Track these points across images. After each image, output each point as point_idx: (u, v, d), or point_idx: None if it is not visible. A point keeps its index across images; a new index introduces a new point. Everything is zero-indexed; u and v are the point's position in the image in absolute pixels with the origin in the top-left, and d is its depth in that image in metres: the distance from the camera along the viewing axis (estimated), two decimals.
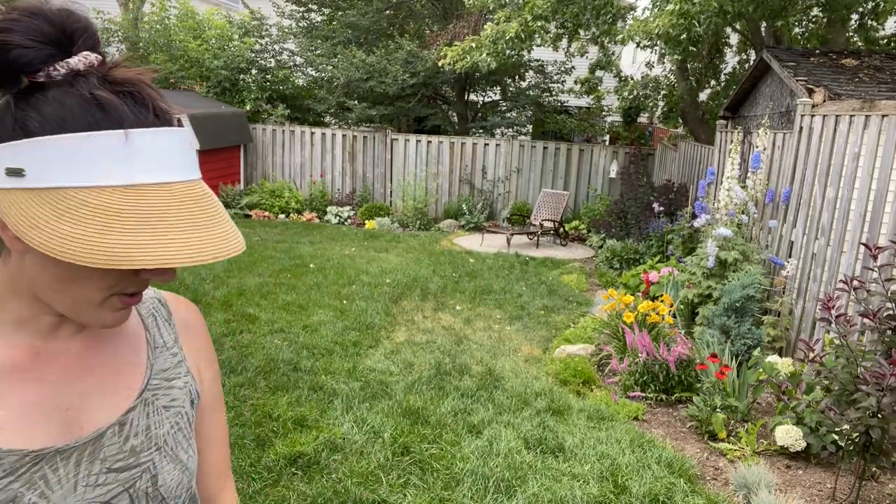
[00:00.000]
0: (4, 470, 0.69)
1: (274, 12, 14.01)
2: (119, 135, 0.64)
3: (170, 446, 0.82)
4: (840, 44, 8.31)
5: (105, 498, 0.75)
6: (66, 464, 0.73)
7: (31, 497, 0.69)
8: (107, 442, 0.76)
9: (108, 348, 0.81)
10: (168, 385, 0.85)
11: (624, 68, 13.35)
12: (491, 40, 8.41)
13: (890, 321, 3.17)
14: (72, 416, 0.75)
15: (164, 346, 0.87)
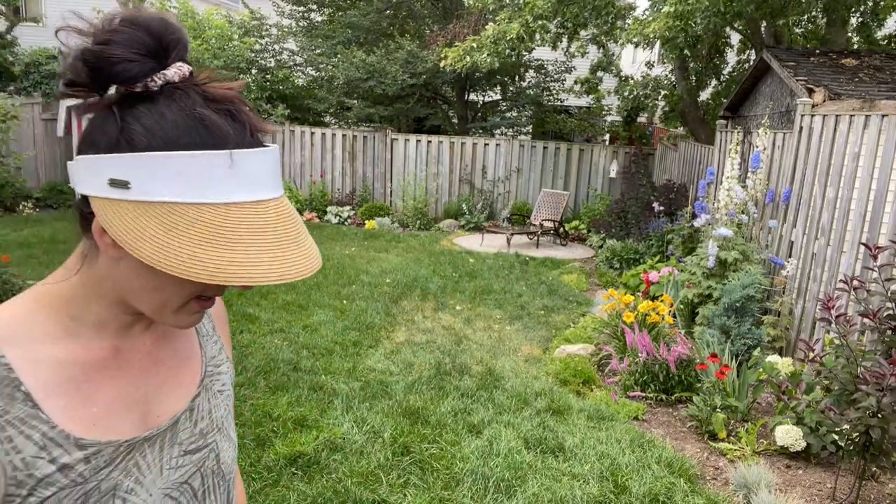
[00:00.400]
0: (105, 460, 0.74)
1: (274, 12, 14.01)
2: (224, 155, 0.66)
3: (225, 427, 0.90)
4: (840, 44, 8.31)
5: (184, 478, 0.82)
6: (152, 450, 0.79)
7: (129, 484, 0.75)
8: (181, 427, 0.83)
9: (172, 341, 0.87)
10: (217, 371, 0.92)
11: (624, 68, 13.35)
12: (492, 41, 8.41)
13: (890, 321, 3.17)
14: (149, 406, 0.81)
15: (208, 335, 0.93)
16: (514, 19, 8.40)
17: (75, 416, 0.73)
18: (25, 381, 0.70)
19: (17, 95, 11.59)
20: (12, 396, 0.69)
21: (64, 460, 0.71)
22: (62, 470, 0.70)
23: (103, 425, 0.75)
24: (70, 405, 0.73)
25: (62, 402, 0.72)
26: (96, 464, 0.73)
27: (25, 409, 0.69)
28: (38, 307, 0.75)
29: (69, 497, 0.70)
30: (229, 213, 0.66)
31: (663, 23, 6.64)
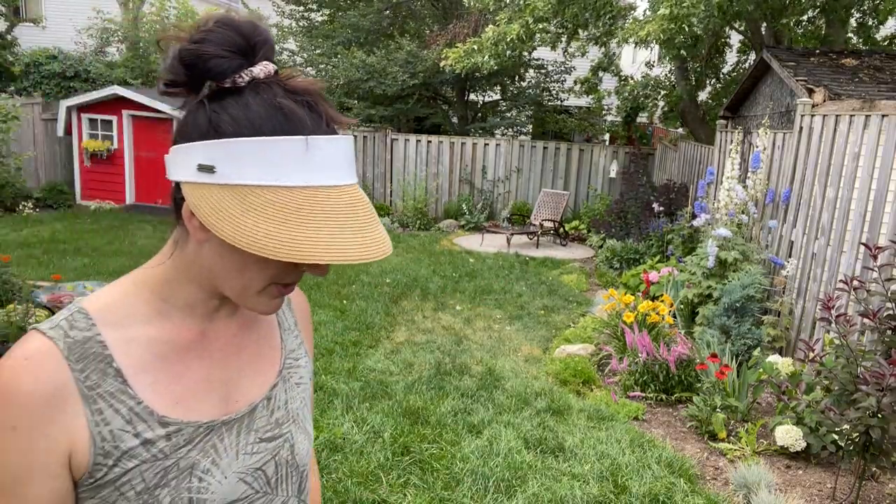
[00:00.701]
0: (185, 439, 0.78)
1: (274, 12, 14.01)
2: (300, 140, 0.70)
3: (301, 419, 0.91)
4: (840, 44, 8.31)
5: (258, 465, 0.84)
6: (229, 434, 0.82)
7: (206, 464, 0.79)
8: (258, 415, 0.85)
9: (255, 330, 0.90)
10: (296, 364, 0.94)
11: (624, 68, 13.35)
12: (492, 42, 8.42)
13: (890, 321, 3.17)
14: (229, 391, 0.84)
15: (289, 329, 0.96)
16: (514, 20, 8.40)
17: (161, 393, 0.78)
18: (118, 359, 0.76)
19: (18, 95, 11.59)
20: (105, 372, 0.75)
21: (147, 435, 0.75)
22: (144, 444, 0.75)
23: (185, 405, 0.79)
24: (157, 382, 0.78)
25: (150, 378, 0.77)
26: (176, 441, 0.77)
27: (116, 384, 0.75)
28: (135, 290, 0.80)
29: (150, 471, 0.75)
30: (304, 195, 0.70)
31: (658, 24, 6.65)
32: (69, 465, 0.73)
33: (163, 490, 0.75)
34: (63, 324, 0.75)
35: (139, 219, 10.34)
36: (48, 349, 0.72)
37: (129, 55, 13.20)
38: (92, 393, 0.73)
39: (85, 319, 0.76)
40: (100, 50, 13.76)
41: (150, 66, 12.83)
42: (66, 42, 14.06)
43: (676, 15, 6.49)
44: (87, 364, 0.74)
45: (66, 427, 0.72)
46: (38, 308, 4.49)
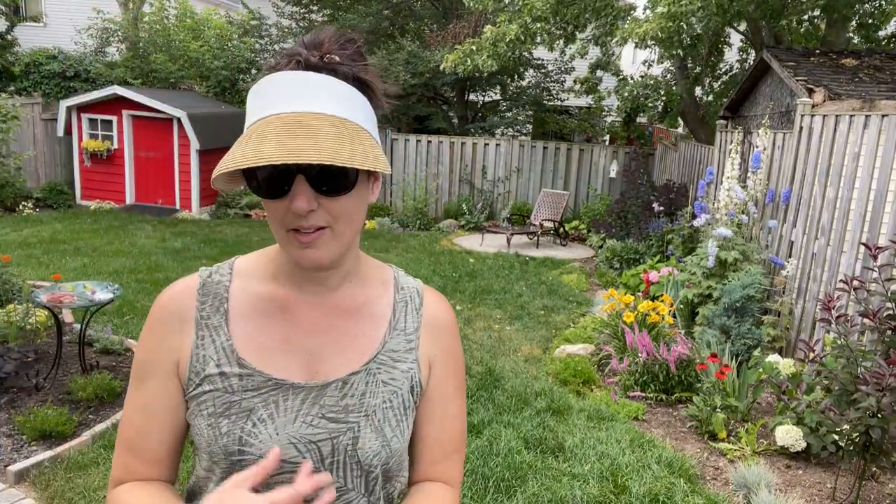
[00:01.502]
0: (253, 385, 0.87)
1: (274, 12, 14.01)
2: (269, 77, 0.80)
3: (377, 417, 0.90)
4: (840, 44, 8.31)
5: (314, 438, 0.87)
6: (294, 398, 0.87)
7: (263, 414, 0.86)
8: (328, 392, 0.89)
9: (353, 316, 0.94)
10: (393, 364, 0.94)
11: (624, 68, 13.33)
12: (491, 42, 8.41)
13: (890, 321, 3.17)
14: (309, 361, 0.90)
15: (402, 331, 0.96)
16: (513, 20, 8.40)
17: (247, 339, 0.89)
18: (230, 302, 0.91)
19: (18, 95, 11.58)
20: (217, 309, 0.90)
21: (224, 368, 0.87)
22: (221, 375, 0.87)
23: (265, 356, 0.88)
24: (248, 331, 0.90)
25: (244, 325, 0.90)
26: (246, 384, 0.87)
27: (220, 321, 0.90)
28: (264, 256, 0.95)
29: (219, 399, 0.86)
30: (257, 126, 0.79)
31: (657, 24, 6.64)
32: (178, 372, 0.89)
33: (223, 419, 0.85)
34: (214, 268, 0.94)
35: (139, 219, 10.34)
36: (191, 282, 0.92)
37: (129, 55, 13.19)
38: (203, 321, 0.89)
39: (229, 269, 0.94)
40: (100, 50, 13.76)
41: (150, 66, 12.82)
42: (66, 42, 14.05)
43: (675, 13, 6.49)
44: (208, 299, 0.90)
45: (178, 340, 0.89)
46: (38, 308, 4.49)
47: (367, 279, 0.98)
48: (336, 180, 0.80)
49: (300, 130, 0.76)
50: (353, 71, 0.84)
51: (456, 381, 1.01)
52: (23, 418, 3.50)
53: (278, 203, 0.81)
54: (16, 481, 3.10)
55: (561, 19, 8.25)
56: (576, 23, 8.30)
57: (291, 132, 0.76)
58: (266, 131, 0.76)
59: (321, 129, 0.77)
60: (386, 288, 0.99)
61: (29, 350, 4.22)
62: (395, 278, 1.02)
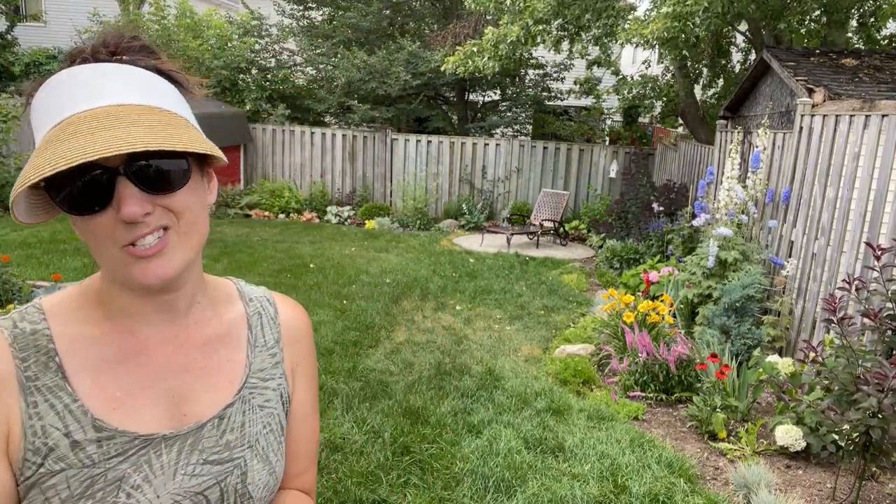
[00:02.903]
0: (116, 449, 0.73)
1: (274, 11, 14.00)
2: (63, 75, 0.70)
3: (261, 445, 0.84)
4: (840, 44, 8.31)
5: (199, 489, 0.77)
6: (168, 451, 0.76)
7: (136, 479, 0.73)
8: (206, 434, 0.79)
9: (211, 343, 0.84)
10: (263, 385, 0.86)
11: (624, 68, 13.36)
12: (492, 44, 8.42)
13: (890, 321, 3.17)
14: (176, 404, 0.78)
15: (263, 346, 0.88)
16: (514, 22, 8.40)
17: (99, 395, 0.74)
18: (61, 355, 0.73)
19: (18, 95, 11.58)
20: (46, 365, 0.73)
21: (77, 437, 0.72)
22: (73, 446, 0.71)
23: (125, 412, 0.75)
24: (97, 383, 0.74)
25: (90, 378, 0.74)
26: (107, 450, 0.73)
27: (55, 378, 0.73)
28: (83, 293, 0.78)
29: (76, 478, 0.71)
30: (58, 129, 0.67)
31: (662, 24, 6.64)
32: (7, 452, 0.70)
33: (87, 501, 0.70)
34: (15, 315, 0.75)
35: None
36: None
37: None
38: (30, 384, 0.71)
39: (38, 313, 0.75)
40: None
41: None
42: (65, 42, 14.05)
43: (680, 13, 6.48)
44: (29, 355, 0.72)
45: (3, 412, 0.70)
46: None
47: (214, 298, 0.87)
48: (165, 174, 0.69)
49: (109, 122, 0.66)
50: (151, 63, 0.75)
51: (315, 389, 0.98)
52: None
53: (100, 218, 0.68)
54: None
55: (563, 20, 8.25)
56: (578, 24, 8.30)
57: (100, 125, 0.65)
58: (66, 134, 0.65)
59: (135, 119, 0.67)
60: (233, 303, 0.89)
61: None
62: (238, 290, 0.91)
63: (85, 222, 0.69)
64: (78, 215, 0.69)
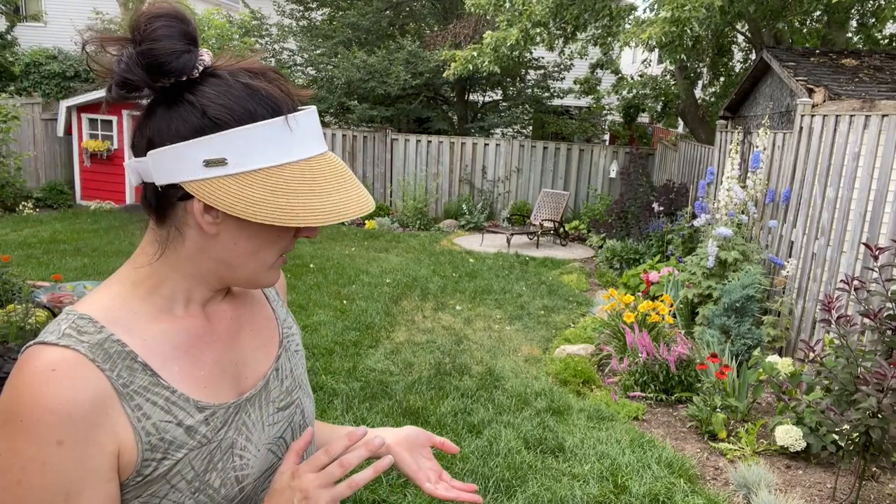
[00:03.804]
0: (220, 421, 0.80)
1: (275, 11, 14.00)
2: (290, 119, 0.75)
3: (304, 383, 0.96)
4: (840, 44, 8.31)
5: (279, 433, 0.88)
6: (254, 409, 0.85)
7: (242, 441, 0.82)
8: (272, 386, 0.89)
9: (249, 307, 0.92)
10: (290, 333, 0.97)
11: (624, 68, 13.35)
12: (492, 47, 8.45)
13: (890, 321, 3.17)
14: (239, 369, 0.86)
15: (276, 300, 0.99)
16: (513, 24, 8.41)
17: (189, 379, 0.79)
18: (141, 355, 0.75)
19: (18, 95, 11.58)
20: (132, 368, 0.74)
21: (188, 422, 0.77)
22: (188, 432, 0.76)
23: (212, 388, 0.81)
24: (183, 370, 0.79)
25: (176, 367, 0.78)
26: (214, 424, 0.79)
27: (146, 378, 0.75)
28: (129, 291, 0.79)
29: (198, 458, 0.77)
30: (311, 166, 0.76)
31: (660, 28, 6.64)
32: (118, 466, 0.71)
33: (211, 473, 0.77)
34: (69, 331, 0.71)
35: (139, 219, 10.32)
36: (72, 356, 0.69)
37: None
38: (127, 390, 0.72)
39: (91, 324, 0.73)
40: None
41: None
42: (66, 42, 14.06)
43: (678, 18, 6.49)
44: (113, 363, 0.72)
45: (112, 428, 0.70)
46: (37, 308, 4.49)
47: None
48: None
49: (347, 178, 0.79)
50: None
51: None
52: None
53: (286, 231, 0.80)
54: None
55: (561, 20, 8.26)
56: (575, 23, 8.31)
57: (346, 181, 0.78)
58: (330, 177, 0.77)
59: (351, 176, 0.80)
60: None
61: None
62: None
63: (280, 231, 0.79)
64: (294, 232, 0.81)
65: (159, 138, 0.73)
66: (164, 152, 0.73)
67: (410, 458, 1.01)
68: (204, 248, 0.78)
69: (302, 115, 0.77)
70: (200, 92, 0.73)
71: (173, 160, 0.72)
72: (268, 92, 0.75)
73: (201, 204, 0.74)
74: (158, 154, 0.73)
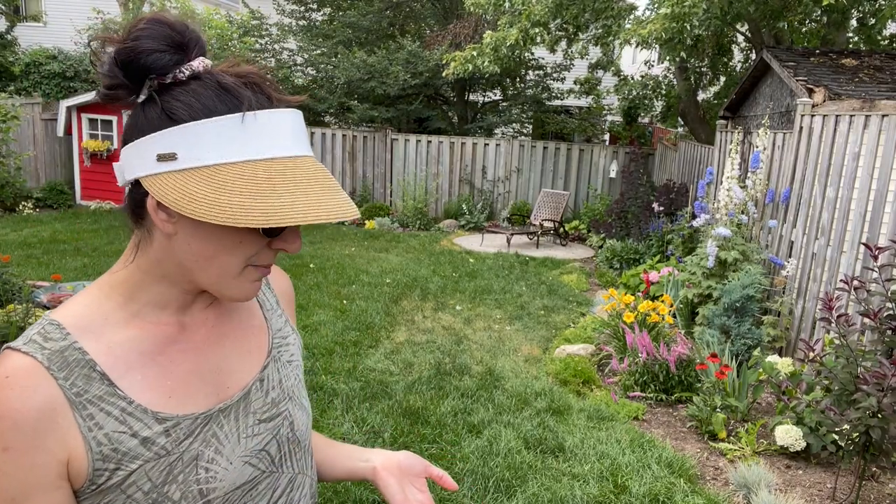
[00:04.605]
0: (185, 432, 0.77)
1: (274, 11, 14.00)
2: (252, 115, 0.72)
3: (296, 395, 0.92)
4: (840, 44, 8.31)
5: (260, 445, 0.85)
6: (228, 420, 0.82)
7: (209, 453, 0.79)
8: (253, 397, 0.86)
9: (235, 315, 0.90)
10: (285, 343, 0.95)
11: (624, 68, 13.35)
12: (492, 47, 8.45)
13: (890, 321, 3.17)
14: (220, 378, 0.84)
15: (272, 309, 0.96)
16: (513, 24, 8.42)
17: (152, 389, 0.77)
18: (100, 363, 0.74)
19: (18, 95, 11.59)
20: (89, 377, 0.73)
21: (144, 434, 0.75)
22: (144, 443, 0.75)
23: (179, 398, 0.79)
24: (146, 379, 0.77)
25: (138, 376, 0.77)
26: (176, 436, 0.77)
27: (103, 387, 0.74)
28: (104, 296, 0.79)
29: (155, 469, 0.75)
30: (270, 167, 0.71)
31: (660, 25, 6.64)
32: (68, 475, 0.72)
33: (171, 486, 0.75)
34: (36, 337, 0.73)
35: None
36: (28, 364, 0.71)
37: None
38: (80, 399, 0.72)
39: (58, 330, 0.74)
40: None
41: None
42: (66, 42, 14.06)
43: (678, 14, 6.49)
44: (69, 371, 0.72)
45: (60, 437, 0.70)
46: (37, 308, 4.49)
47: None
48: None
49: (326, 182, 0.74)
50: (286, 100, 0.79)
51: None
52: None
53: (259, 239, 0.76)
54: None
55: (561, 20, 8.26)
56: (576, 23, 8.31)
57: (327, 183, 0.74)
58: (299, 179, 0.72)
59: (332, 177, 0.76)
60: None
61: None
62: None
63: (241, 236, 0.74)
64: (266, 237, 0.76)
65: (128, 136, 0.74)
66: (129, 149, 0.74)
67: (397, 485, 0.97)
68: (167, 250, 0.76)
69: (266, 113, 0.73)
70: (172, 92, 0.73)
71: (134, 156, 0.73)
72: (237, 91, 0.73)
73: (154, 200, 0.72)
74: (125, 151, 0.74)
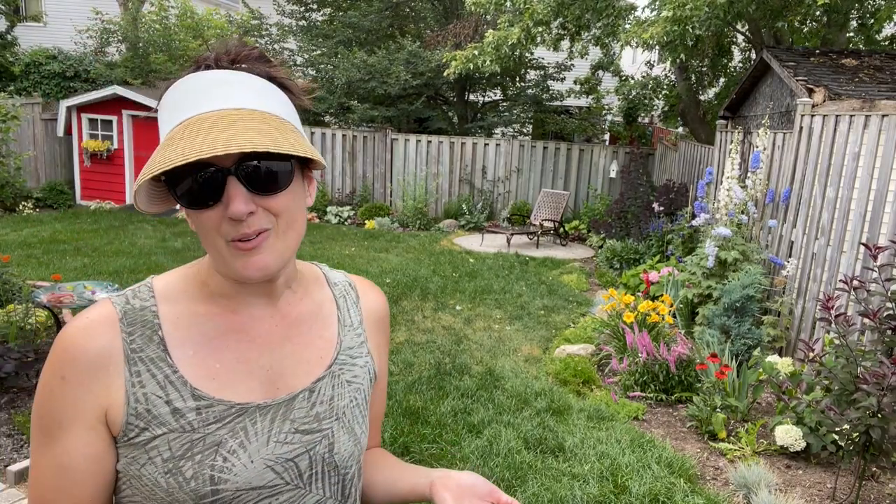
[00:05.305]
0: (215, 416, 0.79)
1: (274, 11, 14.00)
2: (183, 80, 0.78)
3: (347, 418, 0.89)
4: (840, 44, 8.31)
5: (290, 455, 0.83)
6: (263, 419, 0.82)
7: (233, 444, 0.79)
8: (297, 405, 0.85)
9: (305, 321, 0.90)
10: (352, 362, 0.93)
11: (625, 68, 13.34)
12: (493, 46, 8.45)
13: (890, 321, 3.17)
14: (270, 377, 0.85)
15: (350, 326, 0.95)
16: (514, 23, 8.42)
17: (198, 366, 0.81)
18: (164, 329, 0.80)
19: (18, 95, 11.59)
20: (150, 338, 0.79)
21: (177, 405, 0.78)
22: (174, 413, 0.78)
23: (221, 382, 0.81)
24: (197, 355, 0.81)
25: (190, 351, 0.81)
26: (206, 417, 0.79)
27: (158, 351, 0.79)
28: (193, 273, 0.86)
29: (177, 441, 0.77)
30: (186, 127, 0.73)
31: (662, 27, 6.64)
32: (106, 420, 0.77)
33: (186, 462, 0.77)
34: (129, 293, 0.82)
35: (139, 219, 10.34)
36: (108, 312, 0.79)
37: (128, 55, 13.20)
38: (135, 356, 0.78)
39: (148, 291, 0.83)
40: (99, 50, 13.77)
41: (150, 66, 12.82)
42: (65, 42, 14.05)
43: (679, 17, 6.49)
44: (136, 329, 0.79)
45: (106, 384, 0.77)
46: (38, 308, 4.49)
47: (305, 281, 0.94)
48: (271, 176, 0.76)
49: (225, 124, 0.72)
50: (266, 70, 0.82)
51: (386, 360, 1.05)
52: (23, 418, 3.50)
53: (210, 213, 0.75)
54: (16, 481, 3.10)
55: (563, 19, 8.26)
56: (578, 23, 8.31)
57: (217, 126, 0.72)
58: (189, 133, 0.72)
59: (249, 122, 0.74)
60: (321, 286, 0.96)
61: (29, 350, 4.22)
62: (324, 275, 0.98)
63: (197, 215, 0.77)
64: (191, 209, 0.76)
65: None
66: None
67: (452, 500, 0.90)
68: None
69: (191, 77, 0.77)
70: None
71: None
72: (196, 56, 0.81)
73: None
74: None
